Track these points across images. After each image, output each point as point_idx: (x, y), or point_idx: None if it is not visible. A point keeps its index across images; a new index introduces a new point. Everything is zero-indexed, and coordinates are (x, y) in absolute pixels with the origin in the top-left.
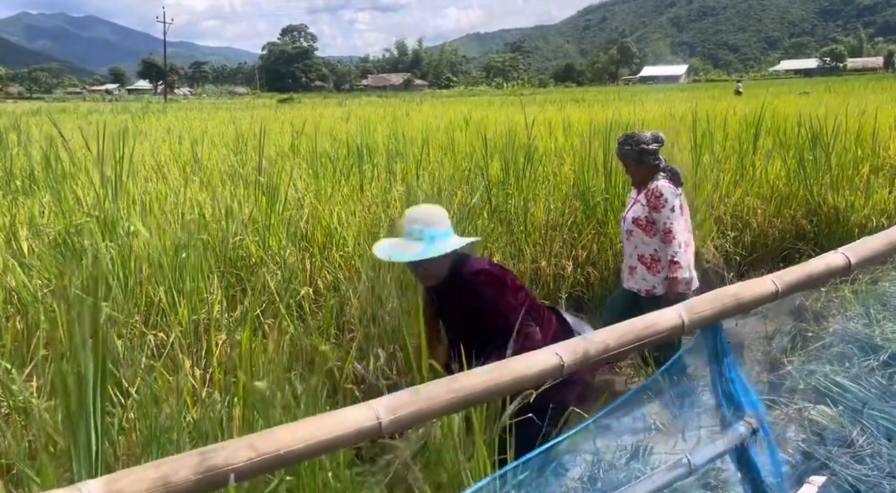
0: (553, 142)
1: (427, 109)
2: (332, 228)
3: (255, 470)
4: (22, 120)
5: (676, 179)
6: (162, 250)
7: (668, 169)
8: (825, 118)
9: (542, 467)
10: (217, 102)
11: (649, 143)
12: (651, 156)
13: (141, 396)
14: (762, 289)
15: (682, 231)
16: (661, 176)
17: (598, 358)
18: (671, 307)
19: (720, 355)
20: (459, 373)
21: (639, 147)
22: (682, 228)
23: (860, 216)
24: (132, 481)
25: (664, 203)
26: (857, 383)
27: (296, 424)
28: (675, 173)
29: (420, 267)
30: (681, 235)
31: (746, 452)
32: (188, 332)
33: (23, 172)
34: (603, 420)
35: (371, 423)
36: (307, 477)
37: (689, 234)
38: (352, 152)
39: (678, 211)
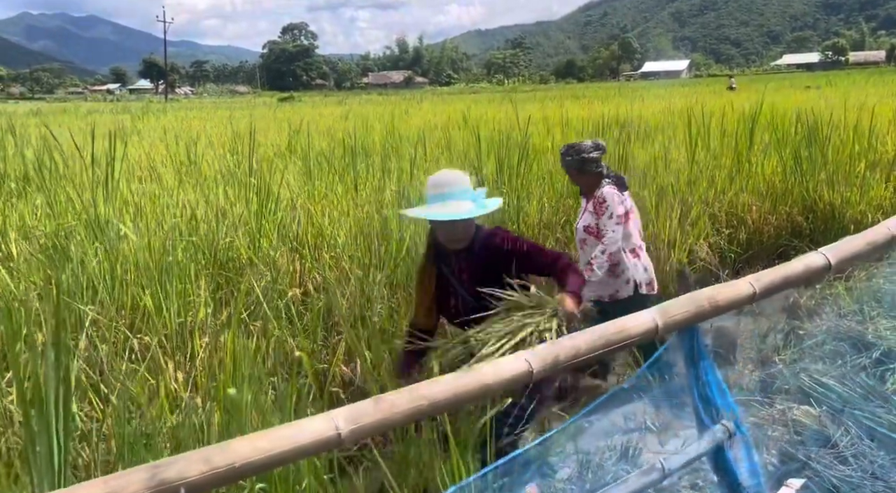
0: (550, 139)
1: (427, 107)
2: (323, 229)
3: (210, 484)
4: (21, 121)
5: (622, 184)
6: (149, 252)
7: (613, 176)
8: (822, 113)
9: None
10: (218, 102)
11: (590, 151)
12: (593, 164)
13: (119, 402)
14: (738, 291)
15: (635, 236)
16: (605, 183)
17: (568, 364)
18: (646, 310)
19: (696, 359)
20: (422, 382)
21: (580, 156)
22: (635, 232)
23: (856, 212)
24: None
25: (605, 209)
26: (842, 382)
27: (252, 435)
28: (619, 179)
29: (460, 226)
30: (634, 239)
31: (723, 455)
32: (172, 335)
33: (17, 174)
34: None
35: (330, 434)
36: (280, 484)
37: (640, 238)
38: (347, 152)
39: (621, 218)
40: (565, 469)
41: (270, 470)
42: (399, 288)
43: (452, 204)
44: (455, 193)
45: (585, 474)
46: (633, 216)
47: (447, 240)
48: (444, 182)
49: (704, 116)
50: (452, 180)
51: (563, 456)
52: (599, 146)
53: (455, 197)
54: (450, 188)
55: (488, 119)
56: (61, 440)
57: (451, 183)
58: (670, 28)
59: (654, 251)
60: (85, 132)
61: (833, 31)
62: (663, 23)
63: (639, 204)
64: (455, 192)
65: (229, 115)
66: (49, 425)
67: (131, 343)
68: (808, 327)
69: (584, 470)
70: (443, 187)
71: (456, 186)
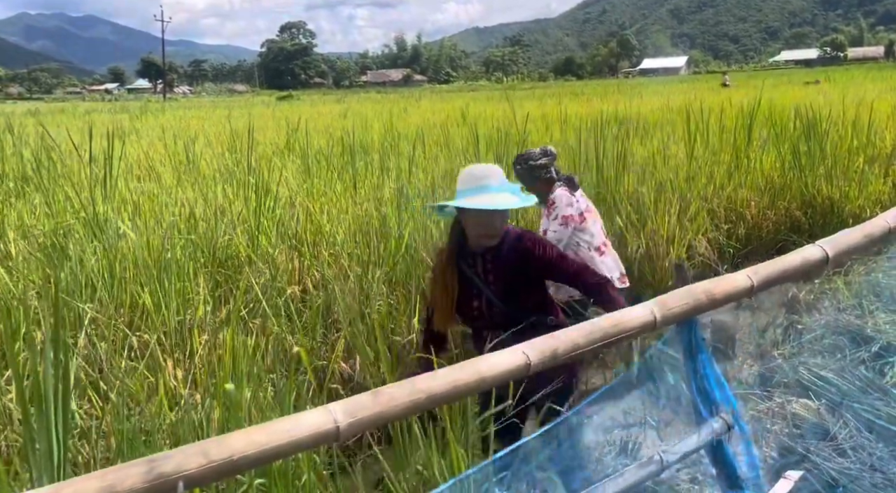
0: (549, 136)
1: (426, 105)
2: (321, 226)
3: (208, 477)
4: (19, 120)
5: (572, 185)
6: (147, 250)
7: (564, 178)
8: (821, 109)
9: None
10: (216, 101)
11: (538, 158)
12: (542, 170)
13: (118, 399)
14: (736, 284)
15: (598, 234)
16: (557, 186)
17: (566, 357)
18: (643, 303)
19: (694, 352)
20: (420, 375)
21: (527, 165)
22: (596, 230)
23: (854, 207)
24: (75, 491)
25: (553, 210)
26: (841, 376)
27: (250, 429)
28: (570, 180)
29: (499, 220)
30: (597, 237)
31: (721, 448)
32: (171, 333)
33: (15, 174)
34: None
35: (328, 427)
36: (279, 479)
37: (604, 235)
38: (346, 150)
39: (568, 219)
40: (564, 463)
41: (268, 464)
42: (398, 285)
43: (495, 196)
44: (495, 186)
45: (584, 467)
46: (589, 216)
47: (482, 235)
48: (483, 174)
49: (703, 113)
50: (491, 172)
51: (561, 450)
52: (548, 152)
53: (496, 189)
54: (489, 180)
55: (487, 117)
56: (61, 438)
57: (490, 175)
58: (669, 25)
59: (654, 247)
60: (83, 132)
61: (831, 28)
62: (662, 20)
63: (638, 199)
64: (494, 184)
65: (228, 113)
66: (49, 422)
67: (130, 341)
68: (807, 321)
69: (583, 464)
70: (482, 179)
71: (495, 178)
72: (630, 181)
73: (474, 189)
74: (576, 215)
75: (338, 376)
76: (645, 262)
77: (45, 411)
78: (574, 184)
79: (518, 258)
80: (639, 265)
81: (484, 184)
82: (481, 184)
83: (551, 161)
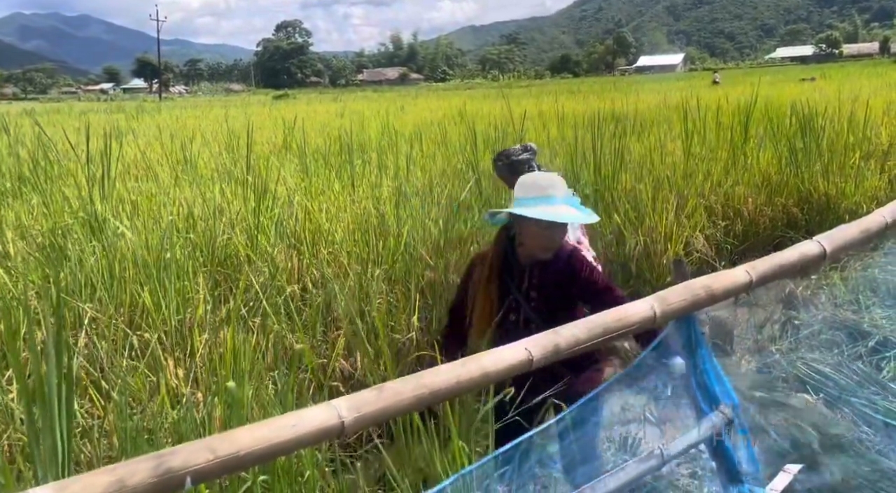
0: (546, 134)
1: (422, 103)
2: (320, 225)
3: (215, 472)
4: (14, 121)
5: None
6: (146, 249)
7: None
8: (817, 105)
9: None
10: (212, 100)
11: (519, 154)
12: (524, 165)
13: (121, 398)
14: (734, 279)
15: (578, 230)
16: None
17: (568, 352)
18: (644, 298)
19: (694, 347)
20: (424, 371)
21: (509, 160)
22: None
23: (851, 203)
24: (84, 486)
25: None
26: (839, 370)
27: (255, 425)
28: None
29: (560, 234)
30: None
31: (721, 442)
32: (172, 332)
33: (11, 174)
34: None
35: (333, 422)
36: (282, 475)
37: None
38: (344, 148)
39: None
40: (564, 459)
41: (274, 459)
42: (397, 283)
43: (559, 208)
44: (559, 197)
45: (585, 463)
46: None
47: (539, 247)
48: (549, 183)
49: (700, 110)
50: (557, 183)
51: (562, 446)
52: (528, 148)
53: (560, 201)
54: (554, 190)
55: (484, 115)
56: (65, 436)
57: (557, 185)
58: (665, 22)
59: (651, 244)
60: (79, 132)
61: (826, 24)
62: (658, 17)
63: (635, 196)
64: (559, 195)
65: (224, 113)
66: (52, 421)
67: (131, 340)
68: (804, 316)
69: (584, 460)
70: (548, 188)
71: (560, 189)
72: (628, 178)
73: (538, 199)
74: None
75: (338, 373)
76: (643, 259)
77: (48, 409)
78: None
79: (565, 276)
80: (637, 262)
81: (549, 194)
82: (546, 194)
83: (532, 156)
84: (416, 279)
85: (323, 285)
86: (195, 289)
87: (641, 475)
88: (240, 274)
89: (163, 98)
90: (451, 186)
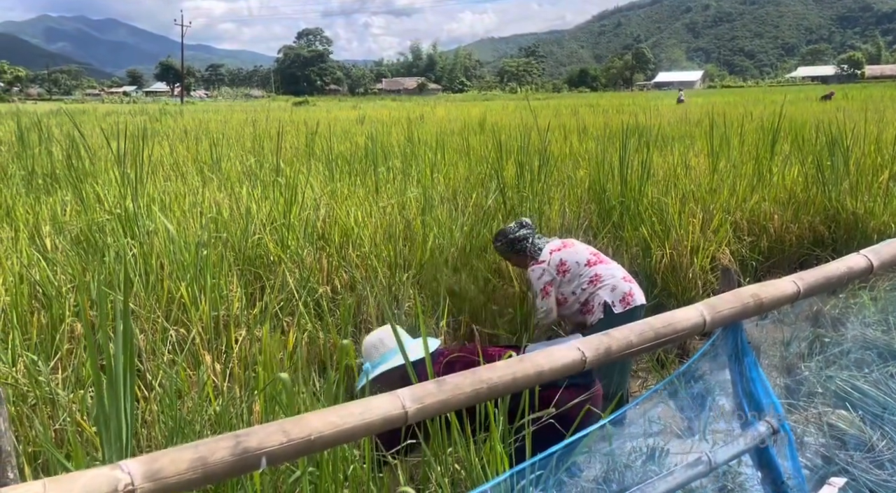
0: (568, 146)
1: (441, 113)
2: (348, 229)
3: (287, 455)
4: (43, 120)
5: (538, 251)
6: (183, 247)
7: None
8: (843, 124)
9: (556, 466)
10: (233, 105)
11: (516, 231)
12: (523, 242)
13: (164, 389)
14: (783, 289)
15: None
16: (529, 261)
17: (620, 354)
18: (693, 305)
19: (741, 355)
20: (481, 367)
21: (507, 239)
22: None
23: (879, 223)
24: (171, 460)
25: (530, 286)
26: (877, 387)
27: (324, 410)
28: (534, 249)
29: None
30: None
31: (766, 452)
32: (209, 328)
33: (44, 171)
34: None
35: (397, 411)
36: (328, 469)
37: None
38: (368, 155)
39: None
40: (591, 469)
41: (341, 444)
42: (424, 288)
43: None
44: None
45: (612, 474)
46: (567, 260)
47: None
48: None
49: (725, 126)
50: (387, 337)
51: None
52: (524, 224)
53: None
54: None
55: (503, 125)
56: (129, 422)
57: (386, 342)
58: (684, 39)
59: (678, 257)
60: (107, 132)
61: (848, 45)
62: (677, 33)
63: (661, 210)
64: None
65: (246, 117)
66: (119, 405)
67: (169, 334)
68: (833, 335)
69: (610, 471)
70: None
71: (392, 341)
72: (653, 192)
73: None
74: (549, 281)
75: None
76: (668, 272)
77: (115, 394)
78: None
79: None
80: (662, 275)
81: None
82: (387, 349)
83: (530, 232)
84: (443, 285)
85: (352, 287)
86: (229, 287)
87: (689, 481)
88: (270, 274)
89: (184, 102)
90: (476, 195)
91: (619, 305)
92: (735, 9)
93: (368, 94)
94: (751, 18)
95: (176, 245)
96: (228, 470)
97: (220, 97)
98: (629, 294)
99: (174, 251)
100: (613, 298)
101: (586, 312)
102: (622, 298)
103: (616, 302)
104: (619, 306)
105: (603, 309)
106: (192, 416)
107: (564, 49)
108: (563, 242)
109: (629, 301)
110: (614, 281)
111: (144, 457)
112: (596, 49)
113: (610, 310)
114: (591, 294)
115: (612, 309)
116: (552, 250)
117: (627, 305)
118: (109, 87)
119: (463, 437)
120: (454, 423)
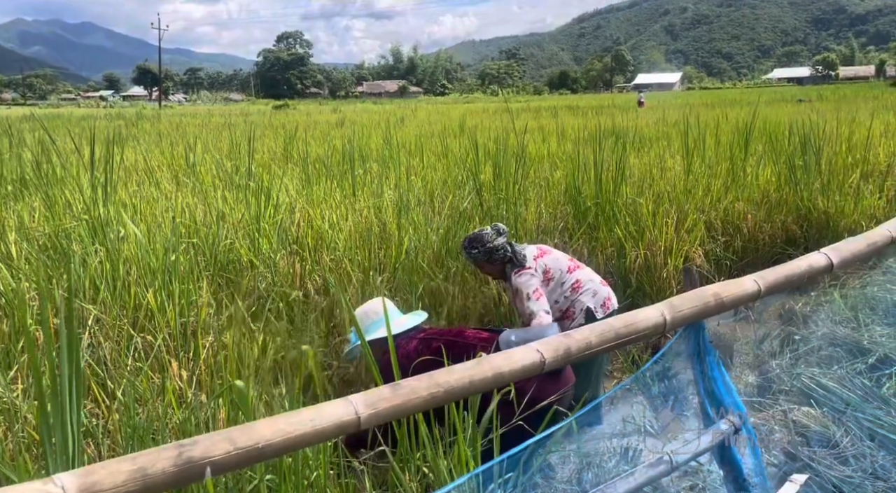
0: (546, 148)
1: (422, 115)
2: (322, 232)
3: (234, 463)
4: (15, 125)
5: (520, 260)
6: (151, 252)
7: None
8: (816, 125)
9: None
10: (212, 109)
11: (494, 238)
12: (500, 250)
13: (126, 398)
14: (743, 288)
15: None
16: (509, 268)
17: (580, 355)
18: (654, 305)
19: (703, 354)
20: (438, 370)
21: (485, 247)
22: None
23: (850, 221)
24: (108, 473)
25: (522, 297)
26: (841, 384)
27: (274, 417)
28: (516, 258)
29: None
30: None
31: (728, 450)
32: (175, 334)
33: (13, 177)
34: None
35: (349, 417)
36: (288, 475)
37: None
38: (346, 158)
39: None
40: (565, 470)
41: (291, 452)
42: (399, 291)
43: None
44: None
45: (585, 474)
46: (551, 268)
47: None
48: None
49: (700, 127)
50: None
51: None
52: (501, 231)
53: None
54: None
55: (483, 128)
56: (76, 433)
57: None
58: (663, 41)
59: (652, 258)
60: (80, 137)
61: (823, 46)
62: (656, 36)
63: (636, 210)
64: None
65: (224, 121)
66: (64, 417)
67: (135, 342)
68: (804, 332)
69: (584, 471)
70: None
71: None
72: (628, 192)
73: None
74: (539, 285)
75: (342, 379)
76: (643, 272)
77: (60, 406)
78: (521, 260)
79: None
80: (637, 275)
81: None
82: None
83: (507, 239)
84: (418, 287)
85: (325, 291)
86: (198, 293)
87: (650, 481)
88: (241, 279)
89: (162, 106)
90: (453, 197)
91: (601, 310)
92: (712, 11)
93: (349, 97)
94: (727, 21)
95: (143, 250)
96: (171, 481)
97: (199, 101)
98: (608, 299)
99: (141, 257)
100: (595, 303)
101: (567, 318)
102: (603, 303)
103: (598, 307)
104: (600, 311)
105: (585, 315)
106: (153, 424)
107: (545, 51)
108: (539, 249)
109: (608, 306)
110: (593, 286)
111: (80, 470)
112: (576, 51)
113: (592, 316)
114: (573, 301)
115: (594, 315)
116: (534, 256)
117: (607, 309)
118: (86, 91)
119: (431, 440)
120: (422, 426)
